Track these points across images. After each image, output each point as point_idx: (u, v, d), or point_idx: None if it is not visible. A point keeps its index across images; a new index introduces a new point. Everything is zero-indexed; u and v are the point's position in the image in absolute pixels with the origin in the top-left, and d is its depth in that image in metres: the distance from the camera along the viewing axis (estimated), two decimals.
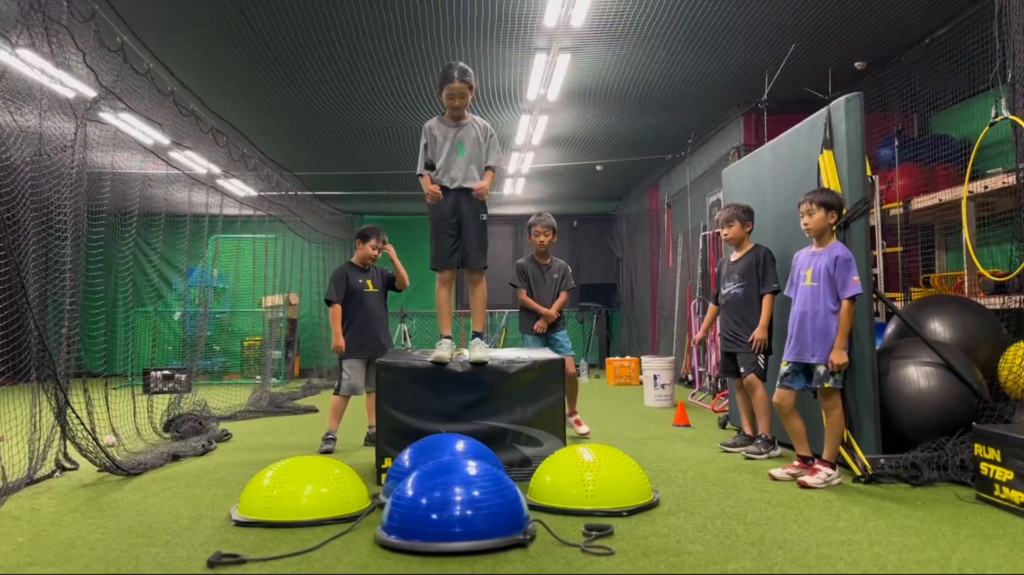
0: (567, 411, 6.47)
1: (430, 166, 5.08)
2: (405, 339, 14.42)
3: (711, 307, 5.98)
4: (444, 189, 5.02)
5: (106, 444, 5.08)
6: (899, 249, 7.29)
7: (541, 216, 6.51)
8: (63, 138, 4.98)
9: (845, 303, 4.42)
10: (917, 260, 7.46)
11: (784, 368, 4.64)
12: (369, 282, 6.14)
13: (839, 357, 4.39)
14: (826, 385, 4.44)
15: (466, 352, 4.93)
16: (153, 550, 3.28)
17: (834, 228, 4.75)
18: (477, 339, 4.99)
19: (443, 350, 4.85)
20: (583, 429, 6.40)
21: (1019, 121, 4.68)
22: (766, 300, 5.42)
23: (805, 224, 4.60)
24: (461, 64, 5.04)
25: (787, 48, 7.29)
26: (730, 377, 5.84)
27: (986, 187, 5.88)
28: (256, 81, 8.19)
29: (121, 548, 3.32)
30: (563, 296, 6.49)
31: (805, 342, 4.52)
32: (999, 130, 5.35)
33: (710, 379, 9.43)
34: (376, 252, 6.16)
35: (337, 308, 6.03)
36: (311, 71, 7.89)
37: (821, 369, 4.45)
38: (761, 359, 5.42)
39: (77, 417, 4.77)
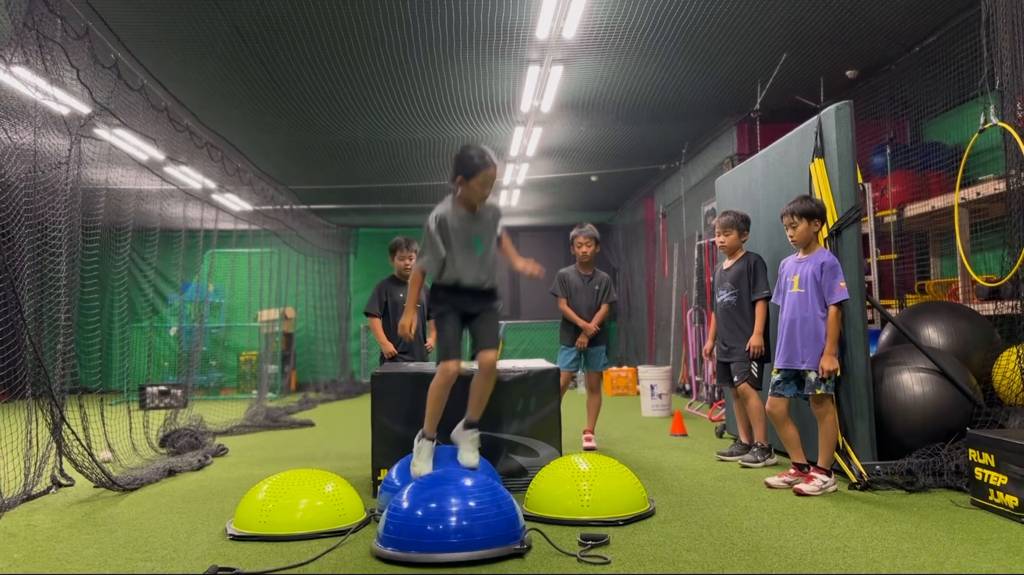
0: (586, 426, 6.47)
1: (433, 264, 4.33)
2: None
3: (712, 315, 6.00)
4: (453, 288, 4.38)
5: (102, 460, 5.07)
6: (893, 256, 7.31)
7: (583, 227, 6.53)
8: (58, 155, 5.00)
9: (832, 309, 4.44)
10: (912, 267, 7.48)
11: (775, 376, 4.65)
12: None
13: (829, 363, 4.41)
14: (818, 391, 4.45)
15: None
16: (149, 565, 3.28)
17: (825, 236, 4.78)
18: (471, 431, 4.36)
19: (424, 461, 4.23)
20: (588, 444, 6.38)
21: (1007, 127, 4.72)
22: (759, 307, 5.44)
23: (791, 236, 4.64)
24: (484, 147, 4.36)
25: (779, 57, 7.34)
26: (726, 386, 5.85)
27: (978, 193, 5.91)
28: (250, 96, 8.22)
29: (117, 563, 3.32)
30: (604, 308, 6.42)
31: (795, 349, 4.54)
32: (990, 136, 5.39)
33: (707, 389, 9.43)
34: (403, 263, 6.08)
35: (376, 320, 6.04)
36: (304, 85, 7.92)
37: (812, 376, 4.46)
38: (755, 367, 5.43)
39: (73, 433, 4.77)
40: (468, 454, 4.30)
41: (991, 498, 3.82)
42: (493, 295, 4.50)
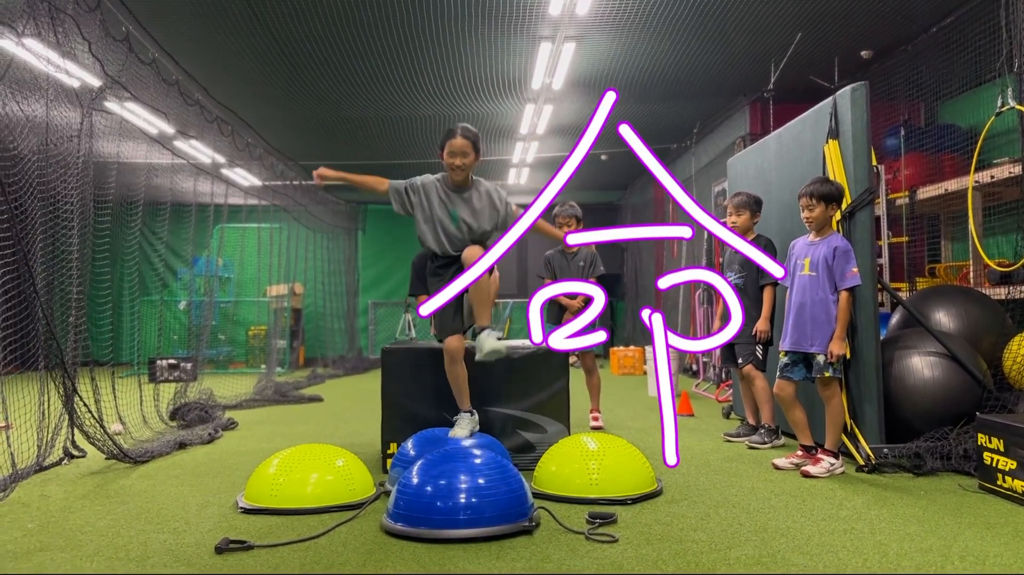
0: (592, 405, 6.48)
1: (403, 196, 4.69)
2: (409, 329, 14.44)
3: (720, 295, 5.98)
4: (433, 256, 4.62)
5: (113, 432, 5.11)
6: (905, 239, 7.27)
7: (564, 206, 6.50)
8: (69, 128, 4.99)
9: (843, 294, 4.42)
10: (923, 250, 7.44)
11: (783, 359, 4.64)
12: None
13: (838, 347, 4.40)
14: (826, 375, 4.45)
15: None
16: (161, 536, 3.31)
17: (838, 219, 4.75)
18: (485, 331, 4.38)
19: (462, 429, 4.32)
20: (595, 423, 6.38)
21: None
22: (766, 292, 5.42)
23: (806, 218, 4.60)
24: (465, 124, 4.63)
25: (793, 36, 7.26)
26: (731, 367, 5.85)
27: (992, 177, 5.86)
28: (260, 70, 8.19)
29: (129, 534, 3.35)
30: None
31: (804, 331, 4.52)
32: (1006, 119, 5.34)
33: (714, 369, 9.44)
34: None
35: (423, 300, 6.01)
36: (315, 60, 7.89)
37: (820, 359, 4.46)
38: (759, 350, 5.42)
39: (85, 405, 4.81)
40: (487, 343, 4.34)
41: (999, 483, 3.82)
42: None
